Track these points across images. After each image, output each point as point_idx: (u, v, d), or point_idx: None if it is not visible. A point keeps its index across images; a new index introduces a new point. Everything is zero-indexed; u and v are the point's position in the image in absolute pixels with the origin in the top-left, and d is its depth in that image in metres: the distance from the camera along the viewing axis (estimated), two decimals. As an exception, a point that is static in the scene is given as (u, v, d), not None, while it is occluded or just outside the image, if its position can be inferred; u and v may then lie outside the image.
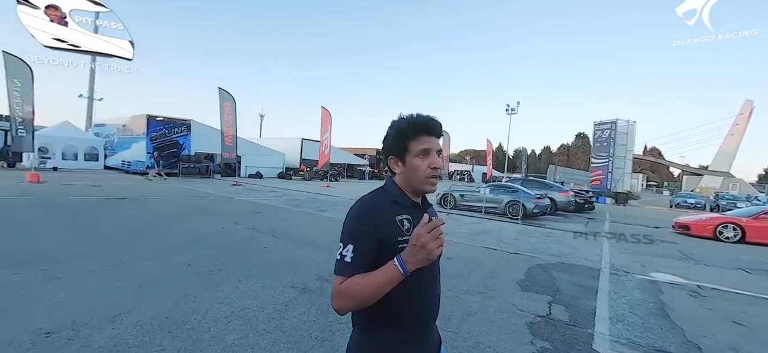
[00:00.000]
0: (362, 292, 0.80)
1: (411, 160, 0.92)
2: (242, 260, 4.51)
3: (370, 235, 0.86)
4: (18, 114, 13.41)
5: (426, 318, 0.96)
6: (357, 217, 0.89)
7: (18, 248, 4.38)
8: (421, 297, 0.93)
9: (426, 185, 0.93)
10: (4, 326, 2.45)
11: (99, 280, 3.50)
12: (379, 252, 0.86)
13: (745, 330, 3.38)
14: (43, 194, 9.23)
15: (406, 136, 0.92)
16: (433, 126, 0.93)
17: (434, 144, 0.93)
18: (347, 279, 0.82)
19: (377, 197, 0.95)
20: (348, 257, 0.84)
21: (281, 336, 2.60)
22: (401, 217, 0.91)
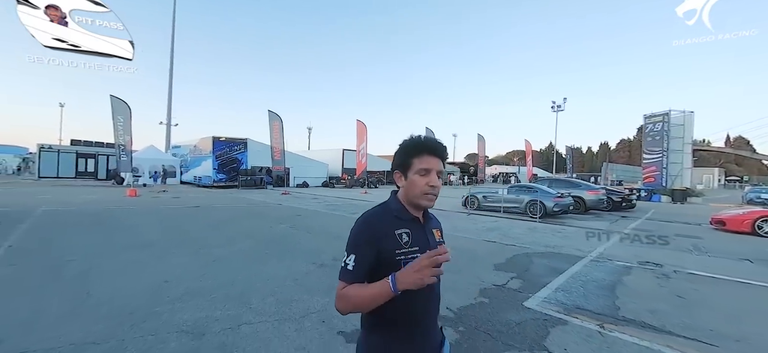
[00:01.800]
0: (358, 300, 0.91)
1: (412, 176, 1.00)
2: (281, 248, 6.01)
3: (369, 246, 0.95)
4: (121, 142, 16.99)
5: (422, 321, 1.01)
6: (359, 229, 0.98)
7: (135, 240, 6.34)
8: (417, 302, 0.97)
9: (423, 200, 1.00)
10: (143, 278, 4.10)
11: (188, 258, 5.17)
12: (378, 262, 0.95)
13: (681, 301, 3.96)
14: (141, 205, 11.89)
15: (410, 153, 1.01)
16: (437, 148, 1.01)
17: (435, 165, 1.00)
18: (348, 285, 0.93)
19: (380, 211, 1.03)
20: (350, 265, 0.94)
21: (300, 288, 3.93)
22: (400, 231, 0.98)
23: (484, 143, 27.81)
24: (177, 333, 2.81)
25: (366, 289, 0.91)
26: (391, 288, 0.86)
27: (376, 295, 0.89)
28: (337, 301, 0.94)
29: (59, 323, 2.93)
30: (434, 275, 0.84)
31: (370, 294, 0.90)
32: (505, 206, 11.81)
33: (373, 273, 0.94)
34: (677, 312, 3.62)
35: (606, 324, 3.22)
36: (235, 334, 2.82)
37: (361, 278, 0.94)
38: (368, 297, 0.90)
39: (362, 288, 0.92)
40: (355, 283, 0.93)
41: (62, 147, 30.39)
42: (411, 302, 0.94)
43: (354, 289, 0.92)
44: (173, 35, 32.14)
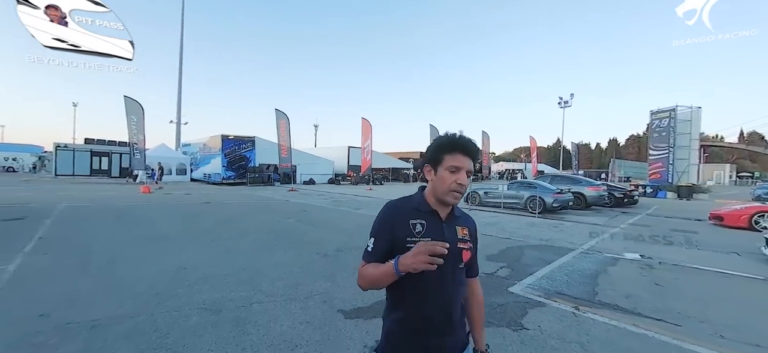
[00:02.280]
0: (371, 277, 1.00)
1: (442, 172, 1.02)
2: (287, 240, 6.41)
3: (386, 232, 1.04)
4: (134, 141, 17.65)
5: (429, 321, 1.03)
6: (380, 216, 1.07)
7: (152, 232, 6.81)
8: (423, 300, 1.02)
9: (448, 197, 1.02)
10: (163, 265, 4.54)
11: (202, 249, 5.60)
12: (392, 247, 1.02)
13: (658, 288, 4.24)
14: (155, 201, 12.44)
15: (443, 149, 1.03)
16: (470, 148, 1.02)
17: (466, 164, 1.01)
18: (367, 264, 1.04)
19: (402, 201, 1.10)
20: (370, 247, 1.05)
21: (305, 275, 4.32)
22: (415, 221, 1.03)
23: (488, 139, 27.95)
24: (197, 309, 3.21)
25: (377, 268, 0.99)
26: (394, 269, 0.92)
27: (383, 274, 0.96)
28: (358, 277, 1.05)
29: (95, 301, 3.36)
30: (427, 262, 0.87)
31: (379, 272, 0.98)
32: (506, 201, 12.08)
33: (389, 257, 1.00)
34: (652, 297, 3.91)
35: (581, 306, 3.54)
36: (247, 311, 3.21)
37: (378, 259, 1.02)
38: (378, 274, 0.98)
39: (375, 267, 1.00)
40: (373, 262, 1.02)
41: (77, 146, 31.39)
42: (416, 292, 1.01)
43: (370, 268, 1.01)
44: (182, 37, 32.83)
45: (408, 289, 1.00)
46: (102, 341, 2.60)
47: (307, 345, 2.62)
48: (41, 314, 3.02)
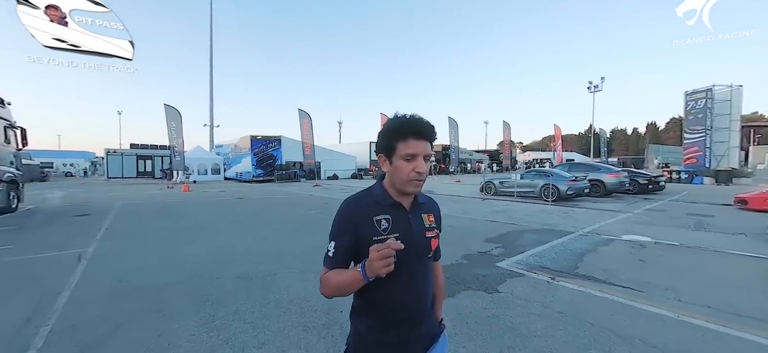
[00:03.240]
0: (336, 285, 0.93)
1: (397, 161, 0.94)
2: (308, 227, 7.24)
3: (348, 233, 0.96)
4: (174, 145, 19.42)
5: (405, 309, 0.99)
6: (339, 217, 0.99)
7: (194, 223, 7.88)
8: (396, 289, 0.96)
9: (408, 187, 0.96)
10: (205, 247, 5.47)
11: (236, 235, 6.53)
12: (357, 249, 0.96)
13: (639, 264, 4.59)
14: (194, 198, 13.84)
15: (394, 136, 0.94)
16: (423, 129, 0.93)
17: (422, 148, 0.93)
18: (328, 271, 0.96)
19: (361, 197, 1.02)
20: (331, 251, 0.97)
21: (319, 253, 5.04)
22: (379, 217, 0.96)
23: (509, 129, 27.65)
24: (234, 278, 4.04)
25: (341, 275, 0.93)
26: (362, 275, 0.87)
27: (350, 280, 0.91)
28: (321, 286, 0.97)
29: (156, 272, 4.29)
30: (386, 266, 0.82)
31: (344, 280, 0.92)
32: (520, 190, 12.30)
33: (355, 259, 0.96)
34: (628, 270, 4.29)
35: (557, 277, 4.01)
36: (272, 279, 3.99)
37: (341, 264, 0.96)
38: (343, 281, 0.92)
39: (339, 274, 0.94)
40: (336, 269, 0.95)
41: (125, 151, 34.50)
42: (389, 289, 0.95)
43: (333, 275, 0.94)
44: (211, 47, 34.92)
45: (376, 287, 0.93)
46: (165, 298, 3.46)
47: (316, 301, 3.33)
48: (120, 280, 3.97)
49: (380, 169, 1.03)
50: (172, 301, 3.37)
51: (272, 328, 2.82)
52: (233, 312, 3.13)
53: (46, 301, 3.39)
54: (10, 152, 10.03)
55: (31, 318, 3.02)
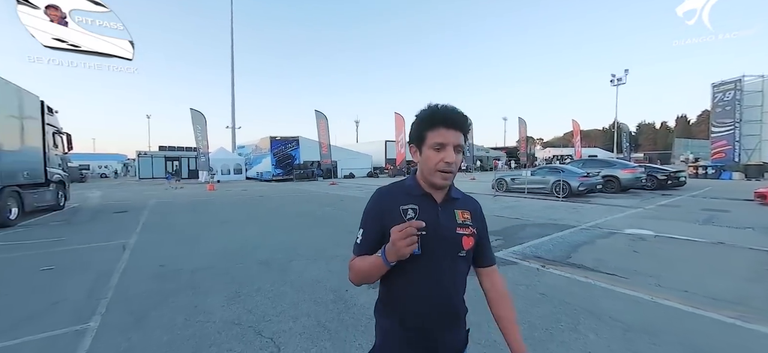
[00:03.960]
0: (361, 270, 0.95)
1: (426, 151, 0.93)
2: (322, 222, 7.77)
3: (375, 221, 0.98)
4: (200, 147, 20.58)
5: (432, 315, 0.95)
6: (369, 205, 1.01)
7: (220, 218, 8.59)
8: (423, 292, 0.94)
9: (436, 178, 0.93)
10: (230, 239, 6.09)
11: (257, 228, 7.15)
12: (383, 237, 0.94)
13: (632, 255, 4.80)
14: (219, 196, 14.75)
15: (424, 125, 0.93)
16: (454, 119, 0.91)
17: (452, 138, 0.90)
18: (356, 257, 0.98)
19: (392, 187, 1.03)
20: (359, 239, 1.00)
21: (332, 245, 5.57)
22: (406, 207, 0.94)
23: (525, 126, 27.39)
24: (256, 264, 4.59)
25: (365, 261, 0.94)
26: (382, 259, 0.86)
27: (372, 265, 0.91)
28: (349, 272, 1.00)
29: (190, 258, 4.90)
30: (408, 244, 0.81)
31: (367, 264, 0.93)
32: (531, 187, 12.40)
33: (379, 248, 0.93)
34: (618, 260, 4.53)
35: (548, 265, 4.32)
36: (288, 264, 4.51)
37: (368, 251, 0.96)
38: (366, 267, 0.93)
39: (363, 260, 0.95)
40: (362, 255, 0.97)
41: (154, 153, 36.49)
42: (415, 283, 0.93)
43: (358, 261, 0.96)
44: (232, 54, 36.34)
45: (401, 282, 0.94)
46: (198, 279, 4.04)
47: (326, 281, 3.82)
48: (161, 264, 4.60)
49: (395, 167, 1.29)
50: (204, 281, 3.95)
51: (287, 302, 3.32)
52: (255, 289, 3.66)
53: (102, 281, 4.04)
54: (58, 155, 11.13)
55: (92, 293, 3.66)
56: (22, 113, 8.89)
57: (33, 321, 3.01)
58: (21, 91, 8.92)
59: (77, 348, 2.53)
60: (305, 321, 2.90)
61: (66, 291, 3.75)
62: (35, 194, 9.40)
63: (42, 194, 9.82)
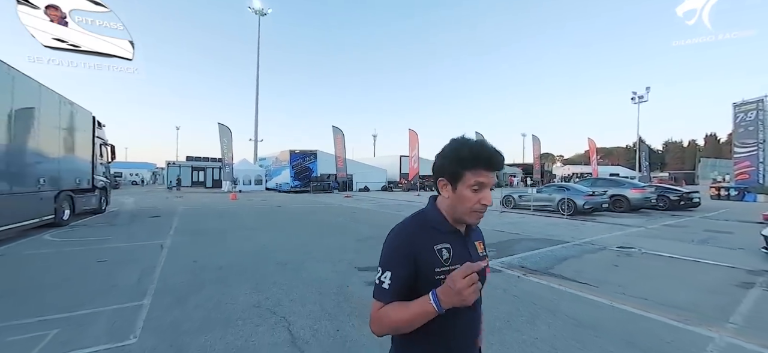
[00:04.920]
0: (398, 321, 0.83)
1: (462, 190, 0.88)
2: (335, 231, 8.49)
3: (407, 262, 0.86)
4: (225, 158, 22.01)
5: (459, 342, 0.93)
6: (394, 243, 0.90)
7: (243, 224, 9.47)
8: (455, 321, 0.89)
9: (470, 218, 0.90)
10: (252, 242, 6.89)
11: (276, 234, 7.94)
12: (416, 280, 0.87)
13: (611, 268, 5.22)
14: (241, 205, 15.81)
15: (464, 164, 0.87)
16: (496, 162, 0.88)
17: (491, 180, 0.88)
18: (385, 305, 0.85)
19: (416, 221, 0.94)
20: (386, 283, 0.86)
21: (342, 250, 6.25)
22: (440, 246, 0.89)
23: (539, 143, 27.50)
24: (273, 263, 5.32)
25: (406, 309, 0.83)
26: (436, 308, 0.79)
27: (418, 315, 0.81)
28: (373, 324, 0.87)
29: (218, 257, 5.71)
30: (475, 292, 0.76)
31: (411, 313, 0.82)
32: (537, 204, 12.72)
33: (411, 292, 0.86)
34: (596, 272, 4.96)
35: (529, 274, 4.82)
36: (302, 265, 5.22)
37: (400, 296, 0.86)
38: (409, 317, 0.82)
39: (401, 307, 0.84)
40: (393, 303, 0.86)
41: (182, 162, 38.73)
42: (453, 320, 0.87)
43: (392, 309, 0.84)
44: (257, 72, 38.48)
45: (440, 322, 0.85)
46: (225, 273, 4.80)
47: (332, 280, 4.49)
48: (193, 261, 5.42)
49: (408, 182, 1.50)
50: (230, 275, 4.70)
51: (298, 292, 4.01)
52: (272, 282, 4.37)
53: (147, 271, 4.87)
54: (102, 164, 12.48)
55: (140, 281, 4.48)
56: (78, 127, 10.21)
57: (101, 297, 3.83)
58: (78, 108, 10.26)
59: (138, 317, 3.30)
60: (311, 307, 3.57)
61: (120, 278, 4.59)
62: (83, 199, 10.63)
63: (89, 199, 11.08)
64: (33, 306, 3.54)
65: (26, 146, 7.43)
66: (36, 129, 7.81)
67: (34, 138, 7.71)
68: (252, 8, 37.65)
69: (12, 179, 6.89)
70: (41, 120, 8.03)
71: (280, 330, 3.06)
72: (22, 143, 7.27)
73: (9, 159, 6.81)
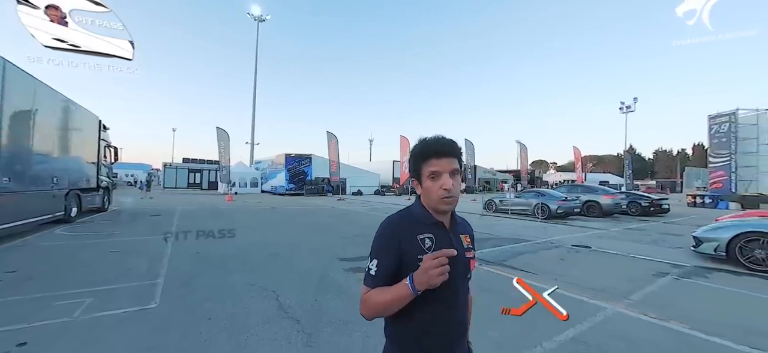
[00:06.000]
0: (381, 303, 0.94)
1: (425, 182, 0.99)
2: (325, 230, 9.30)
3: (391, 251, 0.98)
4: (222, 161, 22.73)
5: (449, 335, 1.02)
6: (381, 235, 1.01)
7: (239, 223, 10.23)
8: (443, 315, 0.99)
9: (440, 205, 0.99)
10: (249, 238, 7.66)
11: (270, 232, 8.71)
12: (399, 267, 0.97)
13: (558, 261, 6.07)
14: (237, 206, 16.53)
15: (418, 160, 1.01)
16: (442, 148, 0.98)
17: (445, 165, 0.97)
18: (371, 289, 0.97)
19: (402, 216, 1.05)
20: (373, 270, 0.98)
21: (327, 246, 7.05)
22: (423, 236, 0.99)
23: (526, 151, 28.60)
24: (266, 255, 6.11)
25: (386, 293, 0.94)
26: (411, 289, 0.88)
27: (397, 297, 0.91)
28: (362, 306, 0.98)
29: (218, 250, 6.48)
30: (441, 274, 0.85)
31: (391, 296, 0.92)
32: (515, 208, 13.61)
33: (396, 278, 0.96)
34: (544, 264, 5.81)
35: (484, 265, 5.65)
36: (291, 257, 6.02)
37: (384, 282, 0.96)
38: (389, 299, 0.93)
39: (383, 292, 0.95)
40: (378, 288, 0.96)
41: (178, 164, 39.29)
42: (436, 308, 0.97)
43: (376, 294, 0.96)
44: (255, 77, 39.31)
45: (422, 315, 0.97)
46: (226, 263, 5.58)
47: (317, 269, 5.29)
48: (197, 252, 6.20)
49: (400, 186, 1.96)
50: (229, 264, 5.49)
51: (287, 278, 4.81)
52: (265, 270, 5.18)
53: (155, 260, 5.63)
54: (105, 165, 13.17)
55: (151, 267, 5.23)
56: (86, 130, 10.95)
57: (120, 278, 4.60)
58: (86, 112, 11.00)
59: (155, 290, 4.09)
60: (298, 288, 4.37)
61: (133, 264, 5.35)
62: (89, 197, 11.32)
63: (93, 198, 11.77)
64: (64, 283, 4.30)
65: (43, 149, 8.16)
66: (51, 133, 8.55)
67: (49, 141, 8.45)
68: (251, 14, 38.57)
69: (31, 180, 7.61)
70: (55, 124, 8.78)
71: (270, 300, 3.86)
72: (39, 145, 7.99)
73: (29, 161, 7.54)
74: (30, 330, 3.01)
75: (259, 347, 2.81)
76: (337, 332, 3.10)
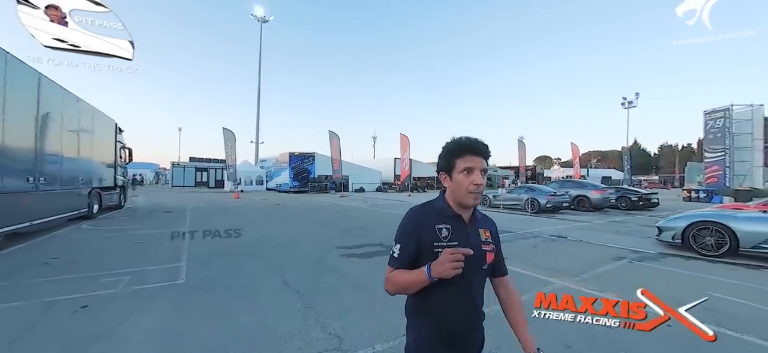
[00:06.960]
0: (402, 282, 1.10)
1: (456, 176, 1.10)
2: (326, 224, 10.09)
3: (411, 238, 1.12)
4: (229, 160, 23.63)
5: (462, 322, 1.13)
6: (404, 223, 1.16)
7: (246, 219, 11.06)
8: (456, 301, 1.11)
9: (468, 199, 1.10)
10: (256, 232, 8.47)
11: (275, 227, 9.53)
12: (418, 252, 1.11)
13: (533, 249, 6.78)
14: (243, 203, 17.40)
15: (453, 154, 1.11)
16: (478, 147, 1.10)
17: (478, 163, 1.08)
18: (394, 270, 1.13)
19: (424, 207, 1.18)
20: (396, 253, 1.13)
21: (328, 238, 7.82)
22: (441, 226, 1.11)
23: (524, 148, 29.13)
24: (272, 246, 6.91)
25: (407, 275, 1.09)
26: (427, 275, 1.02)
27: (414, 281, 1.06)
28: (386, 283, 1.14)
29: (228, 243, 7.29)
30: (455, 268, 0.97)
31: (409, 279, 1.08)
32: (507, 203, 14.29)
33: (416, 262, 1.10)
34: (518, 251, 6.52)
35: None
36: (294, 246, 6.81)
37: (405, 264, 1.11)
38: (408, 281, 1.08)
39: (404, 273, 1.10)
40: (400, 269, 1.12)
41: (186, 163, 40.37)
42: (450, 294, 1.09)
43: (398, 274, 1.11)
44: (259, 76, 40.15)
45: (437, 296, 1.09)
46: (236, 252, 6.38)
47: (316, 255, 6.07)
48: (212, 242, 7.01)
49: (401, 183, 2.35)
50: (239, 254, 6.29)
51: (290, 262, 5.60)
52: (271, 257, 5.97)
53: (176, 249, 6.45)
54: (122, 166, 14.08)
55: (173, 254, 6.05)
56: (105, 133, 11.84)
57: (148, 262, 5.42)
58: (104, 116, 11.89)
59: (180, 271, 4.89)
60: (299, 269, 5.15)
61: (156, 253, 6.17)
62: (107, 195, 12.23)
63: (111, 196, 12.68)
64: (103, 266, 5.12)
65: (70, 151, 9.03)
66: (77, 136, 9.42)
67: (75, 144, 9.31)
68: (254, 16, 39.36)
69: (62, 180, 8.48)
70: (81, 128, 9.65)
71: (275, 276, 4.65)
72: (67, 148, 8.85)
73: (60, 162, 8.41)
74: (87, 298, 3.82)
75: (268, 307, 3.59)
76: (329, 300, 3.87)
